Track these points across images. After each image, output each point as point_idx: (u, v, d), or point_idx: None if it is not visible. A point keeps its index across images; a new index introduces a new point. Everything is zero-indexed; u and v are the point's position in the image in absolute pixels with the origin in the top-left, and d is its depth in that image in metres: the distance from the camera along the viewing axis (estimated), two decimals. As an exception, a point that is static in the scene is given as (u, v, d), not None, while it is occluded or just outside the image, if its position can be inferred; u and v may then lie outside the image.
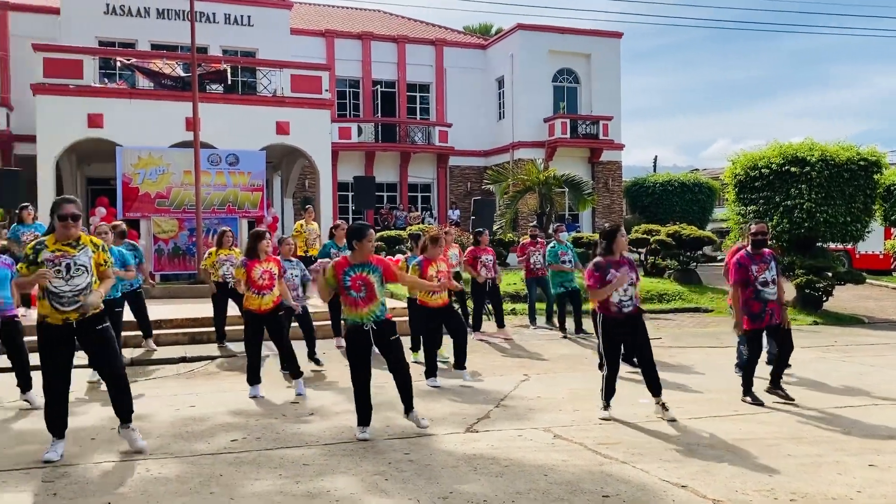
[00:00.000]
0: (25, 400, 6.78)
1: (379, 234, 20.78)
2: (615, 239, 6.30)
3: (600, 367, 8.32)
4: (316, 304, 10.20)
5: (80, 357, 5.38)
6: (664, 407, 6.31)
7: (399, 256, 12.31)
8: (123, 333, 8.99)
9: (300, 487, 4.51)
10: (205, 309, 10.66)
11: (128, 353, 9.19)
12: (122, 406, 5.22)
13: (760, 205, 14.97)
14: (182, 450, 5.32)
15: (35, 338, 5.20)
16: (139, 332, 9.81)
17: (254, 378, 7.26)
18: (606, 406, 6.33)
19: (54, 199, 5.00)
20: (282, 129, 18.47)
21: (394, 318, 5.91)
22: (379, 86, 28.61)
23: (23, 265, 5.06)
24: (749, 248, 7.10)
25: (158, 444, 5.47)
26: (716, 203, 32.29)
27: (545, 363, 9.21)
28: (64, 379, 5.09)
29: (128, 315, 9.03)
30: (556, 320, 11.92)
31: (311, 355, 8.57)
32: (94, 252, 5.13)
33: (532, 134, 27.55)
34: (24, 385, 6.81)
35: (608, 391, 6.35)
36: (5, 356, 6.97)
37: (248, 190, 17.16)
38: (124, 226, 9.60)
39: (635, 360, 7.30)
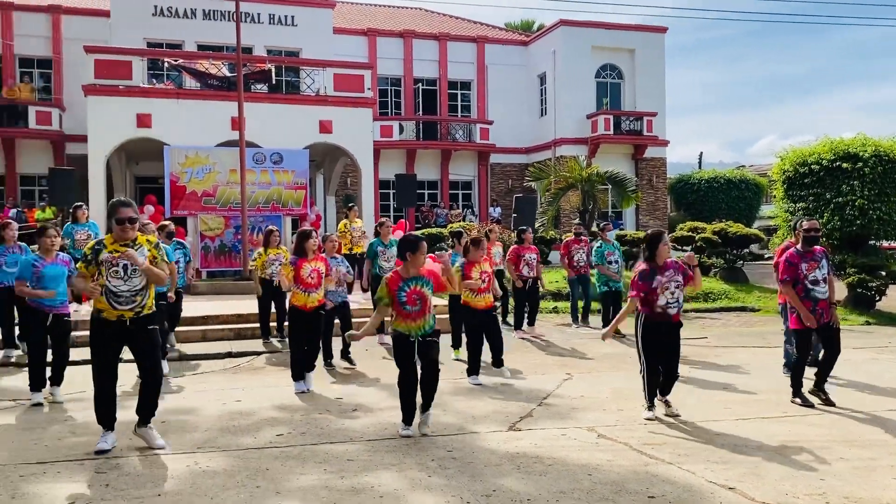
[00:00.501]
0: (48, 399, 6.86)
1: (420, 232, 20.87)
2: (657, 248, 6.22)
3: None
4: (357, 300, 10.31)
5: (128, 352, 5.50)
6: (667, 404, 6.32)
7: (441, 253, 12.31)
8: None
9: (344, 482, 4.55)
10: (250, 305, 10.83)
11: (180, 347, 9.39)
12: (151, 407, 5.31)
13: (810, 202, 14.63)
14: (229, 444, 5.41)
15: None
16: (190, 328, 10.03)
17: (298, 374, 7.35)
18: (651, 406, 6.26)
19: (110, 200, 5.14)
20: (325, 127, 18.63)
21: (439, 329, 5.89)
22: (420, 83, 28.67)
23: (82, 264, 5.19)
24: (799, 246, 6.94)
25: (206, 437, 5.57)
26: (763, 200, 31.66)
27: (588, 362, 9.13)
28: (112, 373, 5.24)
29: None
30: (591, 319, 11.84)
31: (346, 354, 8.61)
32: (149, 251, 5.26)
33: (574, 130, 27.33)
34: (55, 379, 6.91)
35: (651, 391, 6.28)
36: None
37: (291, 188, 17.36)
38: (172, 226, 9.79)
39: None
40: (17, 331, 8.86)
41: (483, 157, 28.54)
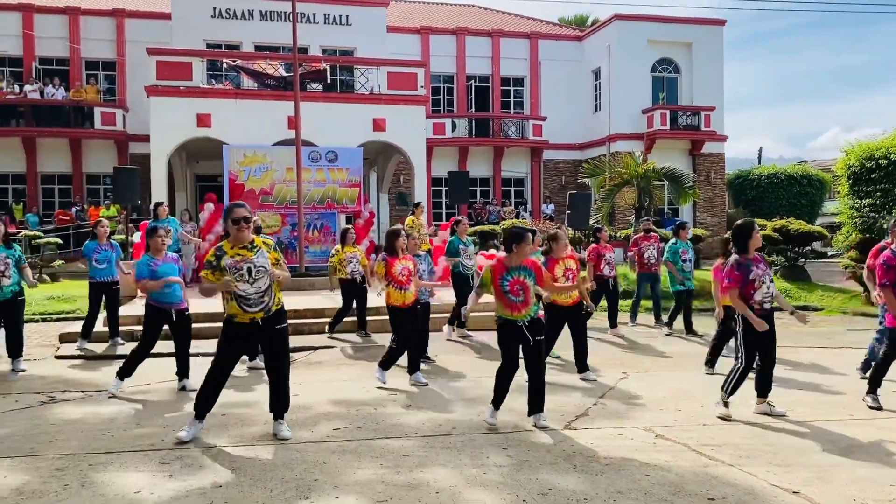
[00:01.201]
0: (183, 387, 7.16)
1: (472, 229, 20.87)
2: (751, 236, 5.99)
3: (708, 363, 8.09)
4: (440, 297, 10.45)
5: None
6: (770, 405, 6.13)
7: (493, 252, 12.32)
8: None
9: (400, 478, 4.58)
10: (307, 301, 11.01)
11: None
12: (284, 403, 5.51)
13: (877, 198, 14.13)
14: (286, 436, 5.49)
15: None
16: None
17: (388, 365, 7.39)
18: (727, 403, 6.09)
19: (227, 204, 5.42)
20: (378, 125, 18.79)
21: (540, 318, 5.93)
22: (473, 80, 28.65)
23: (207, 272, 5.28)
24: (895, 246, 6.61)
25: (265, 431, 5.68)
26: (826, 196, 30.73)
27: (646, 361, 8.99)
28: (230, 370, 5.43)
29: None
30: (665, 317, 11.64)
31: (423, 355, 8.63)
32: (268, 252, 5.37)
33: (629, 126, 26.95)
34: (183, 372, 7.22)
35: (735, 388, 6.09)
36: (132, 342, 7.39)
37: (346, 186, 17.53)
38: (260, 221, 10.02)
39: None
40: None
41: (536, 154, 28.37)
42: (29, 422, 5.95)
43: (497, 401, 5.80)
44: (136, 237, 14.73)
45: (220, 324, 6.34)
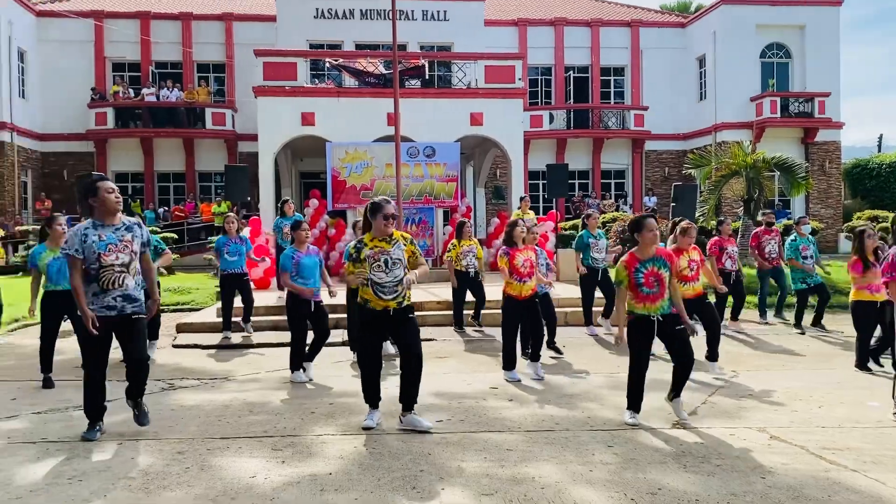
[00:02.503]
0: (308, 378, 7.40)
1: (571, 223, 20.60)
2: None
3: (859, 364, 7.68)
4: (558, 292, 10.43)
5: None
6: None
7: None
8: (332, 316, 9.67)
9: (505, 472, 4.57)
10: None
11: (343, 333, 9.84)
12: (414, 394, 5.60)
13: None
14: (392, 427, 5.59)
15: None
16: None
17: (510, 363, 7.37)
18: None
19: (372, 200, 5.57)
20: (475, 119, 18.80)
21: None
22: (572, 71, 28.25)
23: (349, 263, 5.58)
24: None
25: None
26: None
27: (763, 359, 8.60)
28: (378, 357, 5.59)
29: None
30: (785, 314, 11.20)
31: (551, 343, 8.63)
32: (405, 245, 5.56)
33: (736, 114, 25.90)
34: (298, 364, 7.42)
35: None
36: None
37: (443, 180, 17.66)
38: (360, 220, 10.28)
39: None
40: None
41: (637, 145, 27.71)
42: (151, 407, 6.27)
43: (633, 403, 5.66)
44: (246, 232, 15.35)
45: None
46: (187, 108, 25.44)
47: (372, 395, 5.63)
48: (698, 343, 6.42)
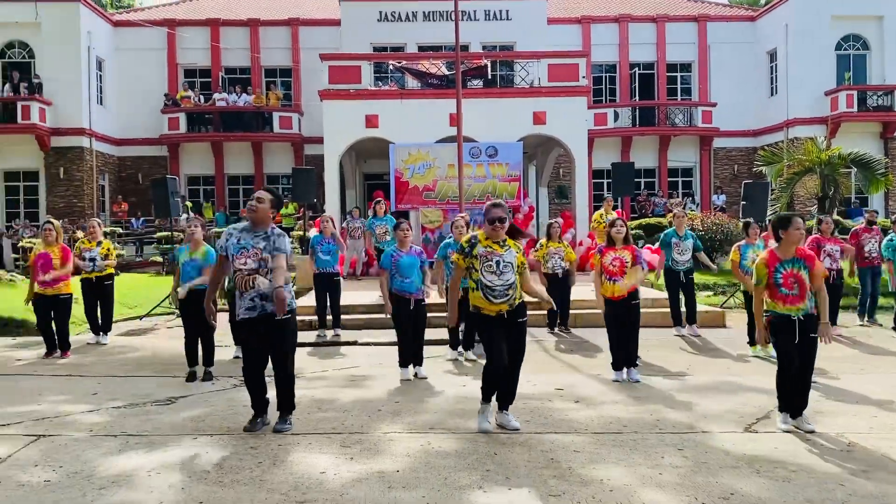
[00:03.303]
0: (415, 374, 7.55)
1: (636, 222, 20.25)
2: None
3: None
4: (646, 294, 10.36)
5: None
6: None
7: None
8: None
9: (573, 473, 4.53)
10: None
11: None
12: (513, 394, 5.63)
13: None
14: (458, 426, 5.62)
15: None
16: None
17: (615, 363, 7.31)
18: None
19: (489, 202, 5.67)
20: (538, 118, 18.68)
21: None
22: (636, 68, 27.78)
23: (459, 256, 5.62)
24: None
25: (436, 419, 5.84)
26: None
27: (851, 362, 8.28)
28: (503, 356, 5.47)
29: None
30: (879, 317, 10.89)
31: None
32: (517, 252, 5.58)
33: (810, 109, 25.02)
34: (418, 360, 7.60)
35: None
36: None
37: (506, 180, 17.60)
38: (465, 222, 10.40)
39: None
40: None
41: (705, 142, 27.07)
42: (225, 403, 6.49)
43: (785, 404, 5.49)
44: (313, 233, 15.63)
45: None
46: (256, 113, 26.07)
47: (492, 392, 5.56)
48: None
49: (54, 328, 9.09)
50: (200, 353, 7.66)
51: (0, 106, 23.98)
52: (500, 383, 5.51)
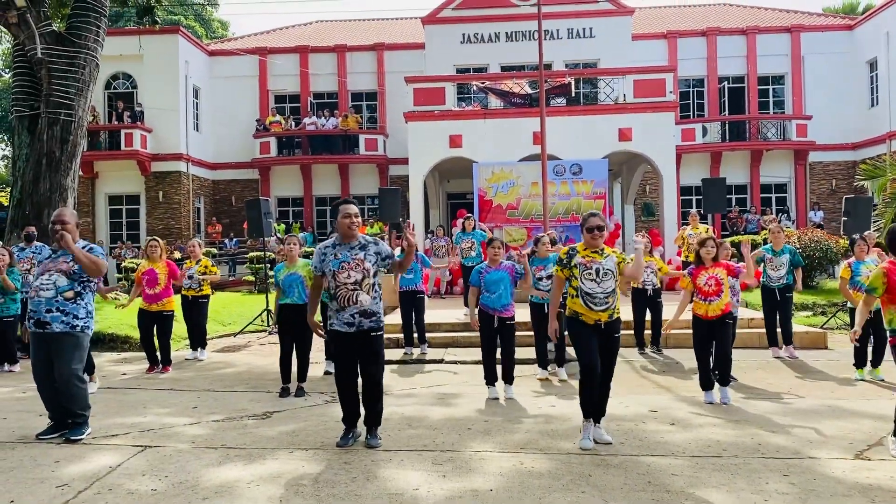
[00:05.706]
0: (499, 396, 7.51)
1: (729, 240, 19.59)
2: None
3: None
4: (743, 314, 10.06)
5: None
6: None
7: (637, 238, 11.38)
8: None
9: (671, 497, 4.39)
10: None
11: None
12: (603, 407, 5.67)
13: None
14: (549, 447, 5.53)
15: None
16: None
17: (708, 383, 7.14)
18: None
19: (586, 213, 5.83)
20: (624, 135, 18.44)
21: None
22: (726, 82, 27.03)
23: (557, 268, 5.82)
24: None
25: (527, 439, 5.77)
26: None
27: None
28: (597, 370, 5.52)
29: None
30: None
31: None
32: (617, 257, 5.70)
33: (915, 120, 23.73)
34: (508, 378, 7.55)
35: None
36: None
37: (590, 198, 17.42)
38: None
39: None
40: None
41: (800, 156, 26.03)
42: (317, 418, 6.61)
43: None
44: (397, 252, 15.85)
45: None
46: (342, 136, 26.74)
47: (589, 407, 5.57)
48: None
49: (156, 344, 9.49)
50: (294, 369, 7.85)
51: (106, 134, 25.45)
52: (593, 392, 5.51)
